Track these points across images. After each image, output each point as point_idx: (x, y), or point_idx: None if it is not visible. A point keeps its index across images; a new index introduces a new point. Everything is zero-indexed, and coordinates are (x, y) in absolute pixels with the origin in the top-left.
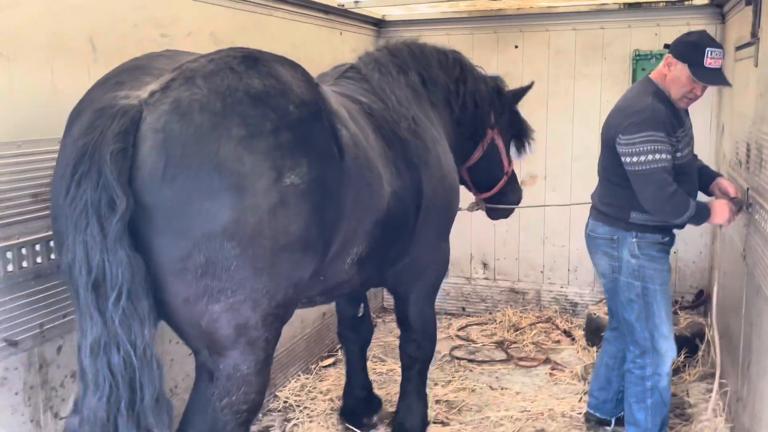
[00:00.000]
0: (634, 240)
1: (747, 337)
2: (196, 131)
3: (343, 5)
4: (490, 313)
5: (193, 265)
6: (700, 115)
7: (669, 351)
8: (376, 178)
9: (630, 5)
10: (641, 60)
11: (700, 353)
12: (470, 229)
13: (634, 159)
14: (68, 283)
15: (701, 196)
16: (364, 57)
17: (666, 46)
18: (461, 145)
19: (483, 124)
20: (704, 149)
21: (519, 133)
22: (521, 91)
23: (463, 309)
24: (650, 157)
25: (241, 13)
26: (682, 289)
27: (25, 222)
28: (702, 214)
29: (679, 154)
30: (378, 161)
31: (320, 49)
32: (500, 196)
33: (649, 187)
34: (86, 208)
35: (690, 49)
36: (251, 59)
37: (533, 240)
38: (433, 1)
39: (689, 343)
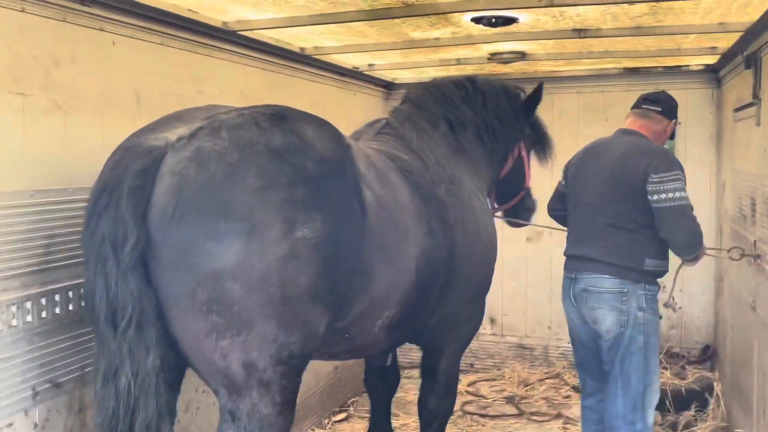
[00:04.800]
0: (642, 293)
1: (761, 386)
2: (210, 178)
3: (358, 68)
4: (499, 369)
5: (199, 302)
6: (699, 173)
7: (655, 402)
8: (403, 238)
9: (630, 70)
10: None
11: (710, 407)
12: None
13: (670, 195)
14: (89, 312)
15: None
16: (396, 114)
17: (658, 108)
18: (495, 169)
19: (510, 139)
20: (705, 206)
21: (539, 142)
22: (533, 98)
23: (471, 365)
24: (682, 193)
25: (268, 74)
26: (688, 344)
27: (74, 266)
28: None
29: None
30: (408, 221)
31: (336, 107)
32: (520, 205)
33: (685, 221)
34: (105, 240)
35: (675, 109)
36: (279, 116)
37: (540, 295)
38: (442, 65)
39: (699, 397)
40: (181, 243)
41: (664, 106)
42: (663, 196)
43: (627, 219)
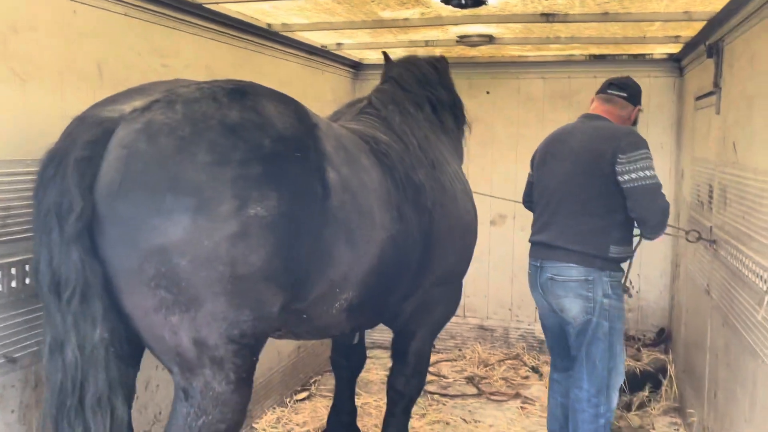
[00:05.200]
0: (608, 279)
1: (712, 368)
2: (159, 153)
3: (325, 46)
4: (460, 350)
5: (146, 277)
6: (659, 162)
7: (618, 383)
8: (367, 223)
9: (595, 57)
10: None
11: (663, 388)
12: None
13: (640, 174)
14: (35, 284)
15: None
16: (378, 95)
17: (624, 93)
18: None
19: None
20: (664, 192)
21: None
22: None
23: (433, 346)
24: (651, 172)
25: (235, 50)
26: (644, 327)
27: (30, 239)
28: None
29: None
30: (375, 205)
31: (304, 86)
32: None
33: (658, 200)
34: (50, 211)
35: (640, 95)
36: (239, 91)
37: (502, 278)
38: (410, 46)
39: (653, 378)
40: (127, 217)
41: (630, 92)
42: (633, 175)
43: (594, 204)
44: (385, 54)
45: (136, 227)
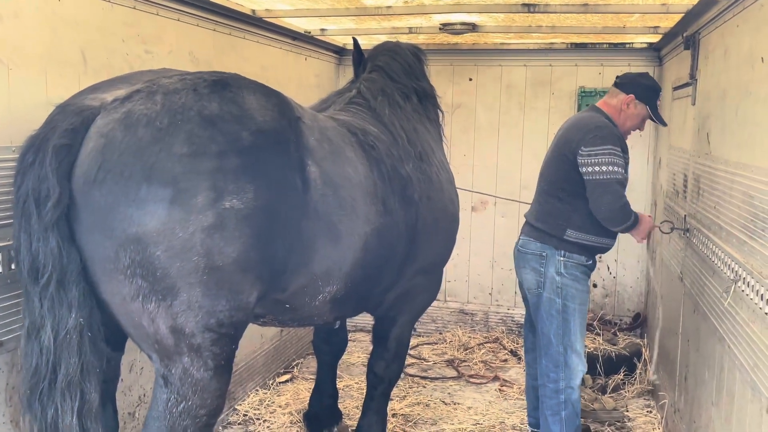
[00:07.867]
0: (562, 259)
1: (684, 352)
2: (136, 142)
3: (309, 32)
4: (441, 333)
5: (122, 266)
6: (638, 149)
7: (579, 365)
8: (350, 216)
9: (576, 45)
10: (586, 96)
11: (638, 371)
12: None
13: (596, 168)
14: (16, 268)
15: None
16: (367, 84)
17: (618, 81)
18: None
19: None
20: (641, 181)
21: None
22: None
23: (415, 329)
24: (610, 168)
25: (219, 35)
26: (621, 312)
27: None
28: (635, 225)
29: (627, 174)
30: (359, 198)
31: (287, 72)
32: None
33: (607, 196)
34: (28, 197)
35: (651, 93)
36: (221, 83)
37: (483, 263)
38: (394, 33)
39: (628, 362)
40: (102, 206)
41: (623, 81)
42: (590, 169)
43: (557, 188)
44: (355, 40)
45: (110, 216)
